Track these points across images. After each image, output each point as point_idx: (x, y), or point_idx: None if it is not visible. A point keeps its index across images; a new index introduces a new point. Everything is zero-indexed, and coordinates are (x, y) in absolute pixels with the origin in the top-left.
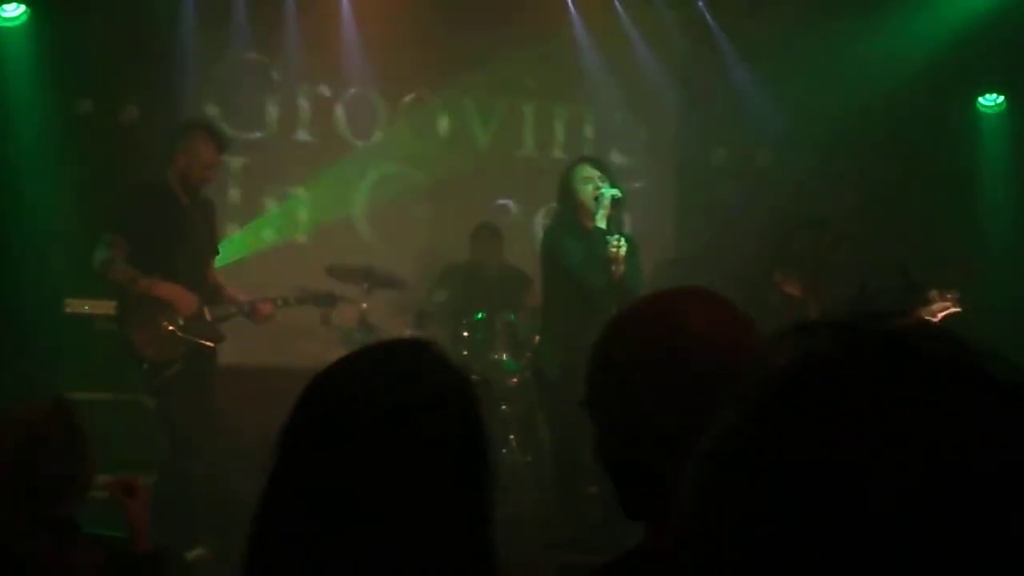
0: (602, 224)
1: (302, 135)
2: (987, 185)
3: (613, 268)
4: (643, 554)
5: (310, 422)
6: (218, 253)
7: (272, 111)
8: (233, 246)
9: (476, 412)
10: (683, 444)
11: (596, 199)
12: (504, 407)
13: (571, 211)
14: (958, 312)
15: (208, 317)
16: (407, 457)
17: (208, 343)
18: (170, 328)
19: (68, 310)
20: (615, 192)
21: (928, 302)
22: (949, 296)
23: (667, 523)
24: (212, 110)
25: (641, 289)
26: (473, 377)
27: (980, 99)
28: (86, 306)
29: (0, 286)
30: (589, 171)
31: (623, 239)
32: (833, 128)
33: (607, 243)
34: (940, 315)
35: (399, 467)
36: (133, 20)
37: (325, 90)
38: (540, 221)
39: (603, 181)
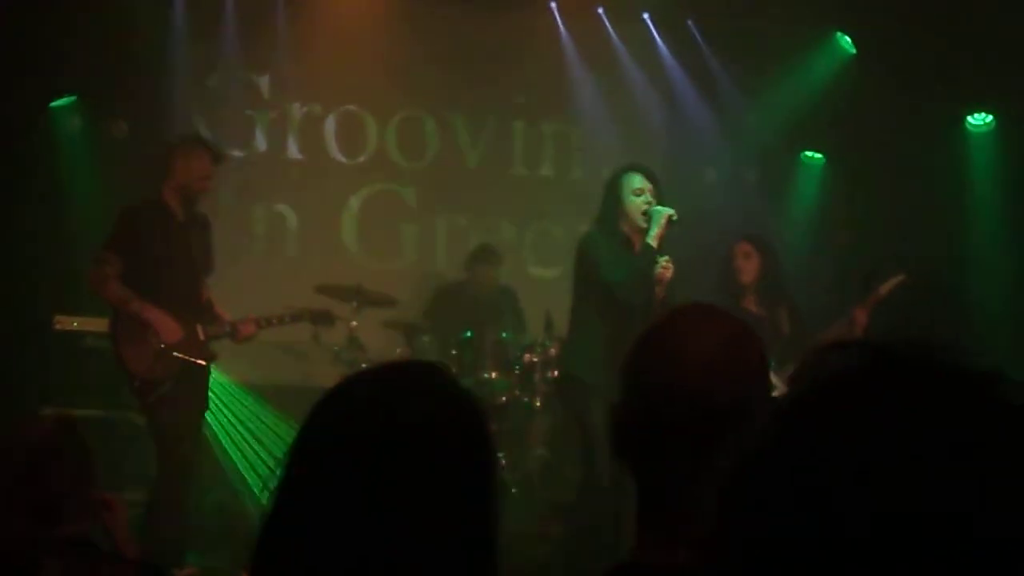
0: (654, 243)
1: (291, 153)
2: (976, 202)
3: (657, 289)
4: (634, 568)
5: (321, 438)
6: (212, 270)
7: (261, 128)
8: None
9: (485, 433)
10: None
11: (645, 213)
12: (494, 426)
13: (614, 221)
14: (903, 279)
15: (201, 336)
16: (418, 474)
17: (200, 361)
18: (162, 346)
19: (57, 327)
20: (672, 212)
21: (880, 281)
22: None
23: (662, 535)
24: (201, 127)
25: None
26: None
27: (969, 118)
28: (75, 323)
29: None
30: (641, 182)
31: (671, 260)
32: (819, 145)
33: (656, 262)
34: (889, 287)
35: (409, 484)
36: (122, 35)
37: (315, 108)
38: (530, 237)
39: (653, 195)
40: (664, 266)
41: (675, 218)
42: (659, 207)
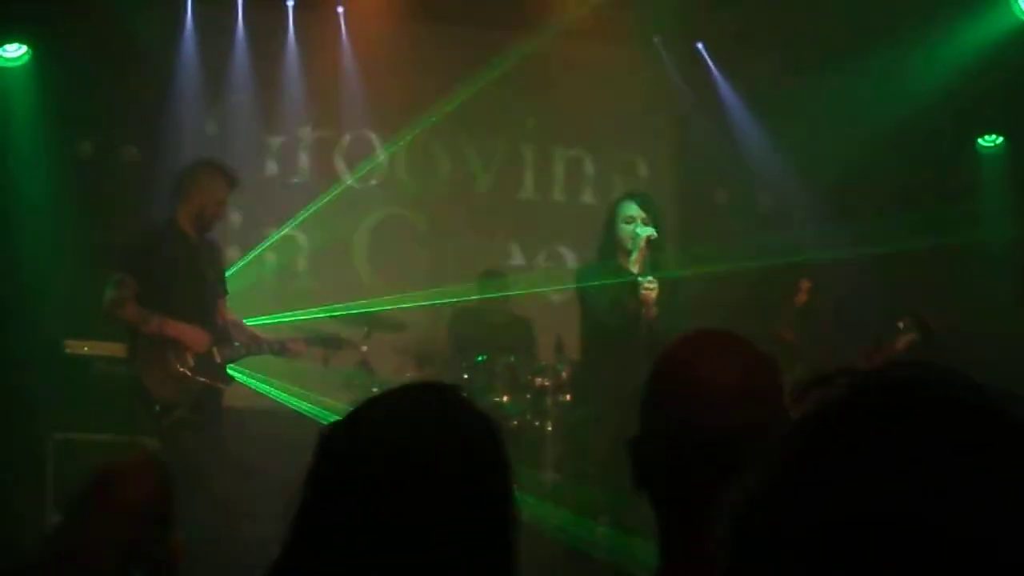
0: (633, 268)
1: (301, 177)
2: (987, 225)
3: (644, 311)
4: None
5: (338, 465)
6: (227, 292)
7: (272, 153)
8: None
9: (503, 456)
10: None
11: (632, 239)
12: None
13: (608, 250)
14: (915, 338)
15: (217, 358)
16: (437, 500)
17: (218, 384)
18: (181, 369)
19: (68, 351)
20: (650, 232)
21: (895, 335)
22: (904, 324)
23: (685, 559)
24: (212, 151)
25: (682, 328)
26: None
27: (980, 140)
28: (85, 347)
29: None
30: (634, 210)
31: (656, 280)
32: (832, 170)
33: (638, 286)
34: (902, 344)
35: (428, 510)
36: (134, 60)
37: (324, 132)
38: (540, 262)
39: (647, 222)
40: (647, 287)
41: (654, 238)
42: (639, 229)
